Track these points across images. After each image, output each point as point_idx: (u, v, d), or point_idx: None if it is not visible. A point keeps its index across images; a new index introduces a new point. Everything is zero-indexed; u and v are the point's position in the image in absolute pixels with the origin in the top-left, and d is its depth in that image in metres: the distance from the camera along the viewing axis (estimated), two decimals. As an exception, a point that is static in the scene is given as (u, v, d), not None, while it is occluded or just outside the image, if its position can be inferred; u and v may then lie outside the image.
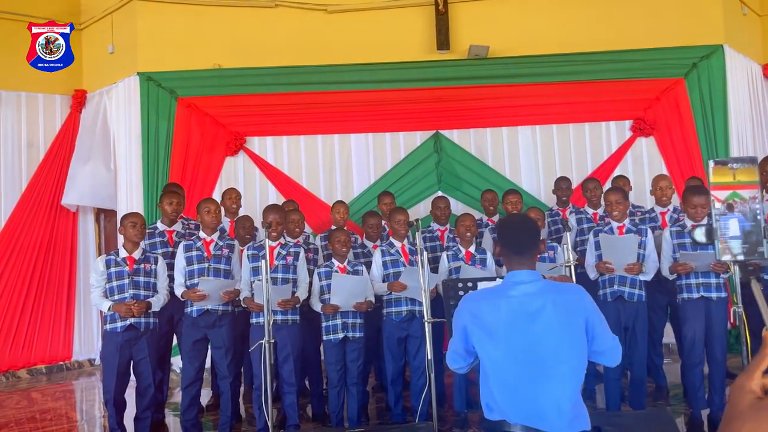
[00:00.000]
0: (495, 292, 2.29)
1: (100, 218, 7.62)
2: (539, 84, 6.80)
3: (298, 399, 4.50)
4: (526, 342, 2.16)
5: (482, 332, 2.21)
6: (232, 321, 4.53)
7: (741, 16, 7.34)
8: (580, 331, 2.19)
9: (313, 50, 6.86)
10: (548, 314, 2.17)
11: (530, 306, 2.19)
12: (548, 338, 2.15)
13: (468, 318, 2.26)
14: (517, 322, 2.18)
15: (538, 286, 2.24)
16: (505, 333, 2.18)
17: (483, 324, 2.22)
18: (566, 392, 2.14)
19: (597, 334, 2.23)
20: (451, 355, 2.37)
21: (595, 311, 2.25)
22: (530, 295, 2.21)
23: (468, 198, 6.77)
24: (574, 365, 2.17)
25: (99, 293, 4.33)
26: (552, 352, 2.15)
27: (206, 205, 4.58)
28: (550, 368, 2.14)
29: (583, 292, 2.29)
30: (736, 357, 5.37)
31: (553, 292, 2.23)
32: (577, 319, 2.19)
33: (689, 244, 4.22)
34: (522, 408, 2.14)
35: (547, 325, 2.16)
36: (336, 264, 4.55)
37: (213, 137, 6.86)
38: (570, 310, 2.19)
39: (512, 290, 2.24)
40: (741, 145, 6.91)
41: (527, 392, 2.14)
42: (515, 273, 2.30)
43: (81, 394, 6.47)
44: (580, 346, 2.19)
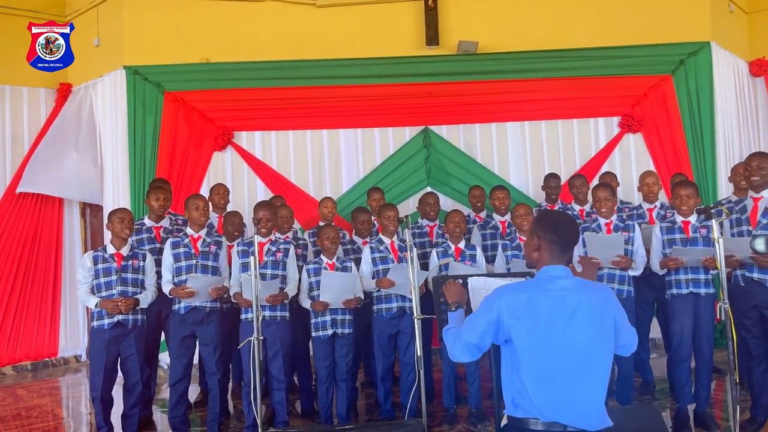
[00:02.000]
0: (533, 285, 2.27)
1: (86, 213, 7.55)
2: (528, 80, 6.82)
3: (287, 395, 4.49)
4: (564, 337, 2.16)
5: (522, 325, 2.18)
6: (220, 318, 4.51)
7: (728, 13, 7.39)
8: (611, 329, 2.23)
9: (302, 45, 6.83)
10: (585, 311, 2.18)
11: (569, 301, 2.19)
12: (585, 335, 2.17)
13: (504, 311, 2.21)
14: (557, 317, 2.17)
15: (573, 282, 2.25)
16: (546, 327, 2.17)
17: (522, 317, 2.19)
18: (599, 389, 2.17)
19: (622, 331, 2.28)
20: (466, 348, 2.30)
21: (621, 308, 2.31)
22: (568, 290, 2.21)
23: (457, 193, 6.78)
24: (605, 362, 2.21)
25: (86, 289, 4.29)
26: (588, 349, 2.17)
27: (194, 201, 4.54)
28: (586, 365, 2.16)
29: (609, 291, 2.33)
30: (721, 352, 5.44)
31: (588, 288, 2.25)
32: (609, 317, 2.23)
33: (679, 239, 4.25)
34: (556, 403, 2.14)
35: (584, 321, 2.17)
36: (325, 260, 4.54)
37: (201, 132, 6.81)
38: (603, 308, 2.22)
39: (550, 284, 2.23)
40: (727, 141, 6.98)
41: (563, 388, 2.14)
42: (551, 268, 2.27)
43: (67, 391, 6.42)
44: (610, 344, 2.23)
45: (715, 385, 5.12)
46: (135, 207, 6.39)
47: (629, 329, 2.33)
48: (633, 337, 2.35)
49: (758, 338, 4.06)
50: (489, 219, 5.44)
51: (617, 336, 2.27)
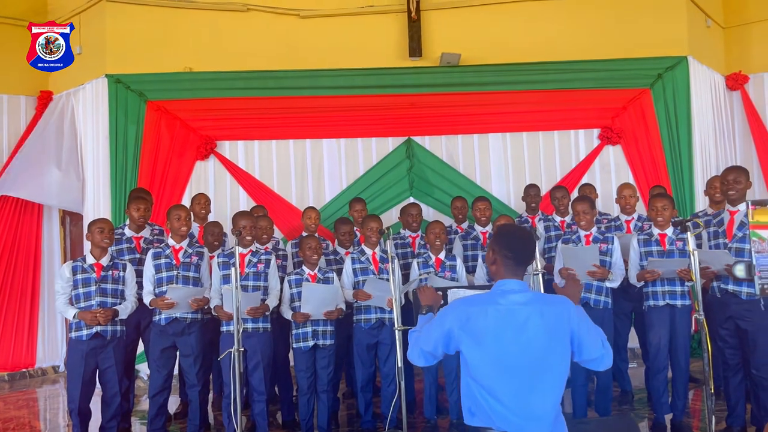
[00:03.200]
0: (484, 299, 2.32)
1: (65, 222, 7.47)
2: (510, 92, 6.90)
3: (268, 406, 4.47)
4: (512, 350, 2.20)
5: (469, 338, 2.24)
6: (201, 329, 4.48)
7: (705, 28, 7.54)
8: (564, 342, 2.26)
9: (286, 55, 6.84)
10: (535, 324, 2.22)
11: (518, 315, 2.23)
12: (534, 348, 2.20)
13: (455, 323, 2.28)
14: (505, 331, 2.22)
15: (526, 297, 2.29)
16: (493, 340, 2.22)
17: (471, 330, 2.25)
18: (549, 401, 2.20)
19: (585, 344, 2.30)
20: (422, 354, 2.40)
21: (582, 322, 2.31)
22: (519, 305, 2.25)
23: (439, 204, 6.82)
24: (557, 375, 2.23)
25: (64, 300, 4.24)
26: (537, 362, 2.20)
27: (176, 212, 4.53)
28: (535, 377, 2.19)
29: (570, 304, 2.34)
30: (699, 362, 5.51)
31: (540, 302, 2.28)
32: (563, 330, 2.25)
33: (656, 252, 4.32)
34: (506, 415, 2.18)
35: (533, 335, 2.21)
36: (307, 271, 4.54)
37: (183, 141, 6.78)
38: (556, 322, 2.25)
39: (501, 298, 2.28)
40: (704, 154, 7.10)
41: (511, 400, 2.18)
42: (505, 282, 2.33)
43: (45, 403, 6.33)
44: (564, 357, 2.26)
45: (693, 394, 5.19)
46: (116, 216, 6.34)
47: (596, 346, 2.32)
48: (601, 351, 2.33)
49: (734, 349, 4.13)
50: (470, 230, 5.48)
51: (581, 351, 2.30)
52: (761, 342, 4.00)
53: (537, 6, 7.02)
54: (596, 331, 2.35)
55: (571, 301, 2.38)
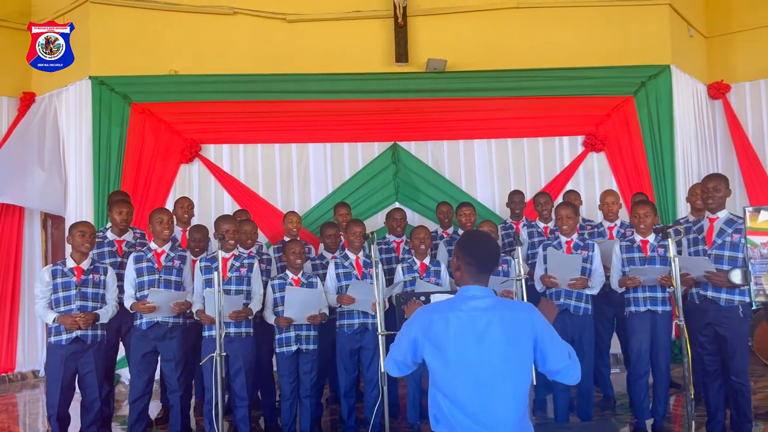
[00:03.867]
0: (446, 306, 2.31)
1: (47, 224, 7.39)
2: (495, 98, 6.93)
3: (251, 411, 4.45)
4: (473, 357, 2.19)
5: (432, 346, 2.24)
6: (183, 333, 4.45)
7: (687, 37, 7.63)
8: (526, 349, 2.23)
9: (272, 59, 6.83)
10: (495, 330, 2.20)
11: (478, 322, 2.21)
12: (495, 354, 2.19)
13: (419, 330, 2.28)
14: (465, 337, 2.20)
15: (488, 303, 2.26)
16: (453, 347, 2.20)
17: (432, 337, 2.24)
18: (510, 408, 2.18)
19: (549, 354, 2.25)
20: (396, 365, 2.40)
21: (546, 331, 2.27)
22: (479, 311, 2.23)
23: (425, 209, 6.84)
24: (518, 381, 2.20)
25: (44, 304, 4.19)
26: (498, 369, 2.18)
27: (158, 215, 4.50)
28: (496, 384, 2.18)
29: (533, 310, 2.31)
30: (679, 367, 5.55)
31: (502, 308, 2.26)
32: (525, 336, 2.23)
33: (638, 258, 4.36)
34: (468, 423, 2.17)
35: (494, 341, 2.19)
36: (290, 276, 4.53)
37: (167, 144, 6.73)
38: (518, 328, 2.22)
39: (462, 305, 2.26)
40: (686, 161, 7.18)
41: (473, 407, 2.17)
42: (468, 288, 2.31)
43: (24, 408, 6.24)
44: (525, 364, 2.23)
45: (674, 400, 5.23)
46: (98, 219, 6.28)
47: (562, 356, 2.27)
48: (566, 362, 2.27)
49: (713, 355, 4.17)
50: (455, 235, 5.49)
51: (544, 361, 2.26)
52: (739, 348, 4.05)
53: (523, 14, 7.07)
54: (562, 342, 2.31)
55: (534, 308, 2.35)
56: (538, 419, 4.83)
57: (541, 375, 4.69)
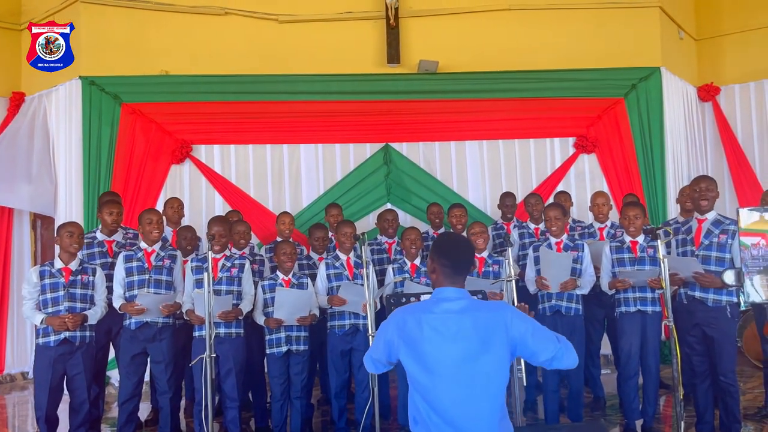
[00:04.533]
0: (420, 308, 2.30)
1: (36, 225, 7.33)
2: (487, 100, 6.95)
3: (241, 412, 4.43)
4: (446, 359, 2.18)
5: (406, 347, 2.24)
6: (173, 334, 4.43)
7: (678, 40, 7.68)
8: (500, 349, 2.19)
9: (264, 59, 6.82)
10: (468, 332, 2.19)
11: (450, 324, 2.20)
12: (466, 356, 2.17)
13: (394, 332, 2.28)
14: (437, 340, 2.19)
15: (461, 304, 2.25)
16: (427, 349, 2.20)
17: (407, 339, 2.24)
18: (484, 409, 2.16)
19: (534, 347, 2.22)
20: (373, 363, 2.44)
21: (524, 326, 2.22)
22: (451, 313, 2.22)
23: (416, 210, 6.84)
24: (492, 382, 2.18)
25: (31, 305, 4.16)
26: (471, 370, 2.16)
27: (148, 216, 4.48)
28: (469, 385, 2.16)
29: (507, 309, 2.28)
30: (669, 368, 5.58)
31: (474, 310, 2.24)
32: (498, 337, 2.20)
33: (627, 259, 4.38)
34: (443, 425, 2.16)
35: (466, 343, 2.18)
36: (281, 276, 4.52)
37: (158, 145, 6.70)
38: (490, 329, 2.20)
39: (435, 307, 2.25)
40: (676, 163, 7.22)
41: (448, 409, 2.16)
42: (442, 290, 2.30)
43: (13, 409, 6.19)
44: (499, 364, 2.20)
45: (664, 400, 5.25)
46: (88, 220, 6.25)
47: (548, 344, 2.23)
48: (557, 346, 2.23)
49: (701, 356, 4.18)
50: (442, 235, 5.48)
51: (533, 352, 2.23)
52: (727, 349, 4.07)
53: (514, 15, 7.09)
54: (544, 329, 2.28)
55: (510, 306, 2.33)
56: (528, 420, 4.84)
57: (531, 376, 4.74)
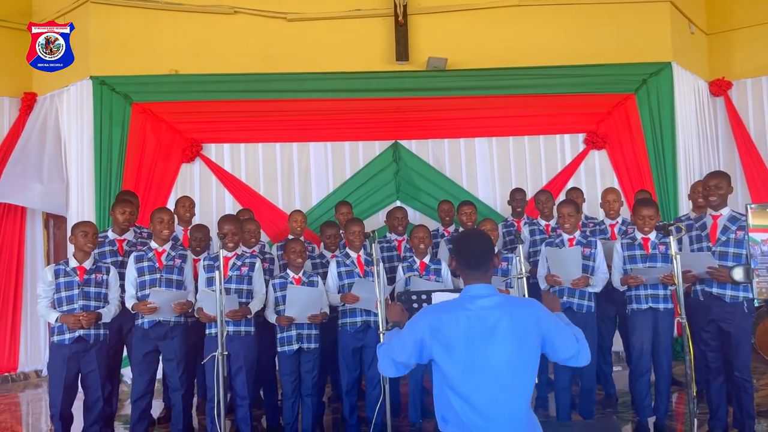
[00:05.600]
0: (453, 306, 2.31)
1: (49, 224, 7.40)
2: (496, 96, 6.92)
3: (252, 411, 4.45)
4: (483, 355, 2.20)
5: (441, 346, 2.24)
6: (185, 332, 4.45)
7: (689, 34, 7.62)
8: (534, 345, 2.25)
9: (272, 58, 6.83)
10: (504, 328, 2.21)
11: (487, 320, 2.22)
12: (505, 352, 2.20)
13: (427, 332, 2.27)
14: (475, 336, 2.21)
15: (495, 300, 2.27)
16: (463, 347, 2.21)
17: (442, 338, 2.24)
18: (521, 404, 2.20)
19: (558, 345, 2.29)
20: (394, 366, 2.38)
21: (551, 324, 2.29)
22: (487, 309, 2.24)
23: (426, 208, 6.83)
24: (527, 379, 2.23)
25: (46, 304, 4.20)
26: (508, 366, 2.19)
27: (159, 215, 4.50)
28: (507, 382, 2.19)
29: (538, 306, 2.34)
30: (681, 365, 5.54)
31: (509, 305, 2.27)
32: (532, 333, 2.24)
33: (639, 255, 4.35)
34: (478, 421, 2.17)
35: (503, 338, 2.20)
36: (291, 275, 4.53)
37: (169, 144, 6.74)
38: (525, 324, 2.24)
39: (470, 304, 2.27)
40: (687, 159, 7.17)
41: (484, 406, 2.18)
42: (472, 287, 2.33)
43: (27, 407, 6.26)
44: (533, 359, 2.25)
45: (677, 398, 5.23)
46: (100, 219, 6.30)
47: (570, 344, 2.32)
48: (576, 347, 2.33)
49: (716, 352, 4.16)
50: (456, 234, 5.49)
51: (555, 350, 2.30)
52: (743, 344, 4.04)
53: (524, 11, 7.06)
54: (567, 329, 2.34)
55: (539, 303, 2.37)
56: (540, 417, 4.81)
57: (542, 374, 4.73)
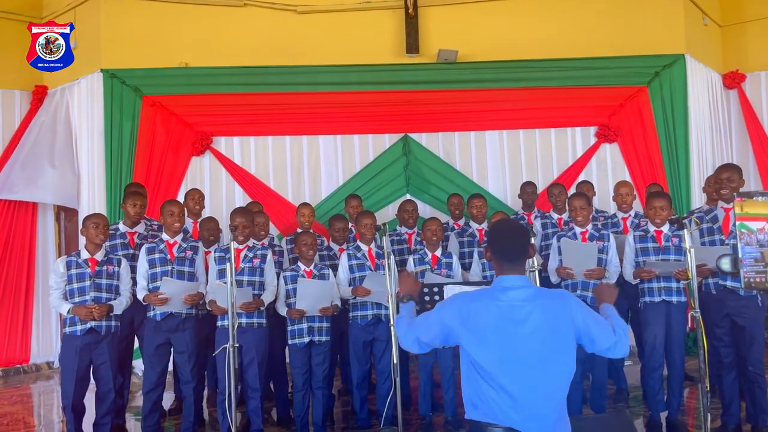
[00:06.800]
0: (485, 295, 2.30)
1: (60, 217, 7.44)
2: (507, 89, 6.89)
3: (263, 403, 4.46)
4: (513, 346, 2.18)
5: (471, 334, 2.23)
6: (196, 324, 4.46)
7: (702, 26, 7.53)
8: (567, 337, 2.23)
9: (282, 51, 6.82)
10: (536, 320, 2.20)
11: (519, 312, 2.21)
12: (535, 343, 2.18)
13: (456, 319, 2.27)
14: (506, 327, 2.20)
15: (527, 292, 2.26)
16: (494, 337, 2.20)
17: (472, 326, 2.23)
18: (552, 398, 2.18)
19: (596, 336, 2.27)
20: (417, 344, 2.42)
21: (587, 315, 2.27)
22: (519, 301, 2.23)
23: (436, 201, 6.81)
24: (559, 370, 2.20)
25: (58, 295, 4.22)
26: (538, 357, 2.18)
27: (169, 207, 4.50)
28: (539, 374, 2.17)
29: (571, 298, 2.32)
30: (693, 359, 5.51)
31: (542, 297, 2.26)
32: (565, 325, 2.23)
33: (652, 248, 4.32)
34: (512, 411, 2.16)
35: (534, 330, 2.19)
36: (302, 267, 4.53)
37: (179, 137, 6.75)
38: (558, 316, 2.22)
39: (501, 294, 2.26)
40: (700, 152, 7.10)
41: (517, 397, 2.16)
42: (505, 278, 2.31)
43: (39, 398, 6.31)
44: (566, 352, 2.22)
45: (688, 392, 5.19)
46: (111, 212, 6.32)
47: (608, 335, 2.29)
48: (613, 338, 2.29)
49: (729, 347, 4.13)
50: (466, 227, 5.47)
51: (593, 342, 2.28)
52: (758, 339, 4.01)
53: (535, 3, 7.01)
54: (603, 320, 2.33)
55: (571, 294, 2.36)
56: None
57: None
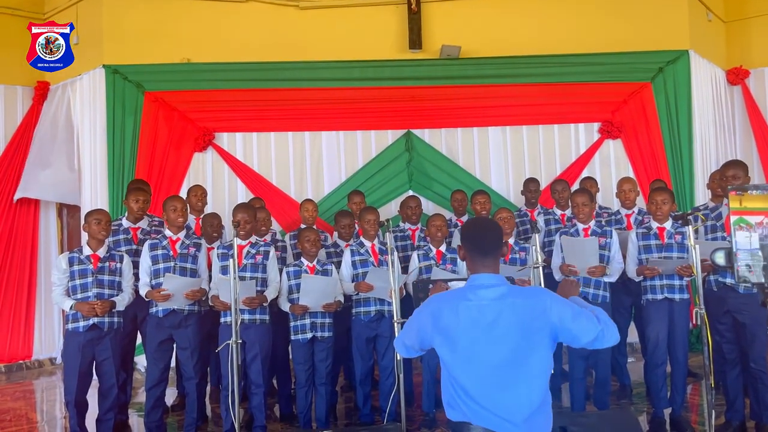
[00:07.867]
0: (456, 296, 2.25)
1: (62, 214, 7.44)
2: (510, 85, 6.87)
3: (266, 399, 4.46)
4: (484, 347, 2.14)
5: (441, 336, 2.20)
6: (199, 321, 4.46)
7: (706, 22, 7.50)
8: (541, 335, 2.14)
9: (285, 46, 6.80)
10: (506, 319, 2.13)
11: (487, 312, 2.15)
12: (506, 344, 2.12)
13: (428, 320, 2.25)
14: (475, 328, 2.15)
15: (498, 291, 2.19)
16: (463, 338, 2.16)
17: (442, 328, 2.20)
18: (523, 397, 2.12)
19: (576, 330, 2.15)
20: (405, 348, 2.42)
21: (564, 310, 2.16)
22: (489, 300, 2.17)
23: (438, 197, 6.80)
24: (533, 370, 2.13)
25: (61, 291, 4.21)
26: (509, 358, 2.12)
27: (172, 203, 4.49)
28: (508, 373, 2.12)
29: (545, 294, 2.22)
30: (697, 356, 5.51)
31: (513, 296, 2.18)
32: (539, 323, 2.14)
33: (654, 245, 4.31)
34: (481, 411, 2.13)
35: (504, 330, 2.13)
36: (305, 263, 4.52)
37: (181, 132, 6.74)
38: (530, 315, 2.14)
39: (472, 294, 2.20)
40: (704, 148, 7.08)
41: (484, 397, 2.13)
42: (478, 276, 2.26)
43: (41, 394, 6.32)
44: (540, 351, 2.14)
45: (691, 389, 5.19)
46: (113, 208, 6.31)
47: (587, 325, 2.15)
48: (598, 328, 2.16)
49: (732, 343, 4.12)
50: (469, 223, 5.45)
51: (574, 337, 2.16)
52: (759, 335, 3.99)
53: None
54: (585, 313, 2.19)
55: (548, 291, 2.27)
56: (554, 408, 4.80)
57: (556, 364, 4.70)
